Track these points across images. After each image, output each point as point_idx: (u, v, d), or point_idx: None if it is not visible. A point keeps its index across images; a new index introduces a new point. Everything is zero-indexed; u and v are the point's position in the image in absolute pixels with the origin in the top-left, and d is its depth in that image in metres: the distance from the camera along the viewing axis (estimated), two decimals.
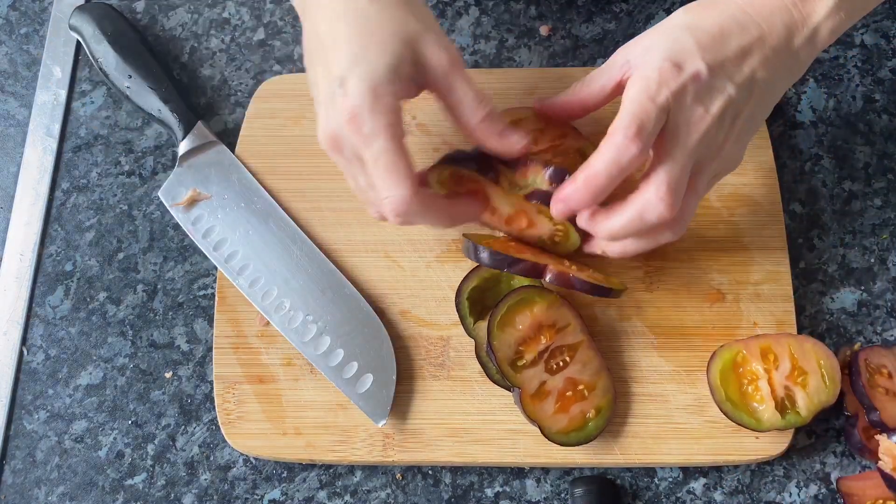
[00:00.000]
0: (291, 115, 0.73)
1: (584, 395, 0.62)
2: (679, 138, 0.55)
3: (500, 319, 0.62)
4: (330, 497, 0.65)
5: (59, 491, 0.66)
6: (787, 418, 0.61)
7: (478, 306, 0.65)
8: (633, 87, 0.54)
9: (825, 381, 0.61)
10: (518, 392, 0.61)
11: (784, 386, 0.62)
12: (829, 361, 0.62)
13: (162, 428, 0.67)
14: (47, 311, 0.71)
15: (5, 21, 0.82)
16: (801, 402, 0.61)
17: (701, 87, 0.54)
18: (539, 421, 0.61)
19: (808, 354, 0.62)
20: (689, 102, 0.54)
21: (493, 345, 0.61)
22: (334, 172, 0.71)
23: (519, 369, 0.61)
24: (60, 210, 0.74)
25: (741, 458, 0.63)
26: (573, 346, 0.63)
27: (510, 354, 0.62)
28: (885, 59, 0.75)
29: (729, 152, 0.57)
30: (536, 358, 0.62)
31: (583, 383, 0.62)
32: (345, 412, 0.65)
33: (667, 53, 0.54)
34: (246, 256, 0.68)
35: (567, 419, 0.62)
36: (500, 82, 0.73)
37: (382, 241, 0.69)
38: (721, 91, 0.55)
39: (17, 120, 0.78)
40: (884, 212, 0.71)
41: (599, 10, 0.78)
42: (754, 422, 0.61)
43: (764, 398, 0.61)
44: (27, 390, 0.69)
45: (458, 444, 0.64)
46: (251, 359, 0.67)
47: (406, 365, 0.66)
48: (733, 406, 0.62)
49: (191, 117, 0.72)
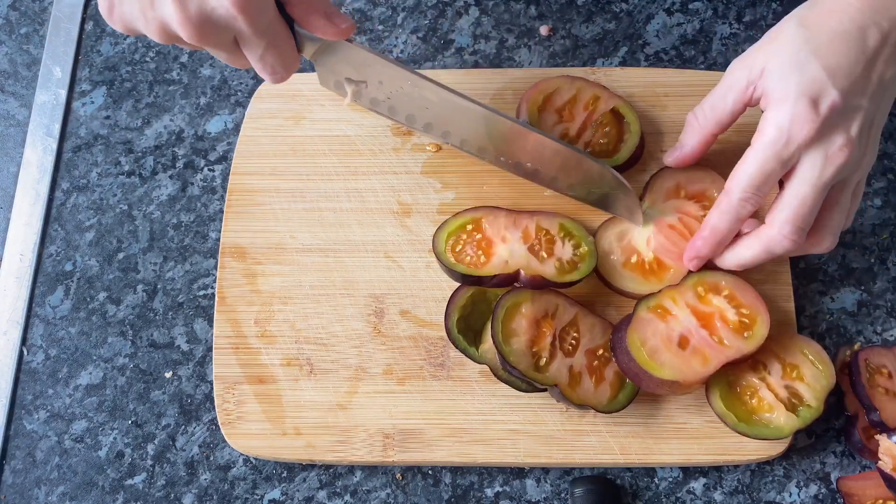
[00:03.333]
0: (291, 115, 0.73)
1: (607, 356, 0.63)
2: (815, 172, 0.55)
3: (502, 336, 0.61)
4: (330, 497, 0.65)
5: (59, 491, 0.66)
6: (801, 414, 0.61)
7: (469, 333, 0.64)
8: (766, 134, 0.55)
9: (818, 366, 0.62)
10: (556, 389, 0.61)
11: (784, 386, 0.62)
12: (811, 347, 0.63)
13: (162, 428, 0.67)
14: (47, 311, 0.71)
15: (5, 21, 0.82)
16: (806, 395, 0.61)
17: (838, 116, 0.54)
18: (588, 403, 0.61)
19: (790, 348, 0.63)
20: (829, 135, 0.54)
21: (510, 361, 0.60)
22: (334, 173, 0.71)
23: (544, 369, 0.61)
24: (60, 210, 0.74)
25: (742, 458, 0.63)
26: (573, 321, 0.63)
27: (529, 361, 0.61)
28: None
29: (869, 159, 0.58)
30: (552, 350, 0.62)
31: (600, 346, 0.63)
32: (345, 412, 0.65)
33: (799, 89, 0.54)
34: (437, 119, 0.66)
35: (608, 387, 0.62)
36: (500, 82, 0.73)
37: (382, 242, 0.69)
38: (857, 110, 0.55)
39: (18, 120, 0.78)
40: (884, 212, 0.71)
41: (599, 10, 0.78)
42: (776, 431, 0.61)
43: (772, 406, 0.61)
44: (27, 390, 0.69)
45: (459, 444, 0.64)
46: (251, 359, 0.67)
47: (406, 365, 0.66)
48: (749, 426, 0.61)
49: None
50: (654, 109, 0.71)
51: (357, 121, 0.72)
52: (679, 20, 0.77)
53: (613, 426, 0.64)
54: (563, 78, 0.70)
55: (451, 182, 0.71)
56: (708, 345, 0.61)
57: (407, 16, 0.79)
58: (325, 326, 0.67)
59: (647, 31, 0.77)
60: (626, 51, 0.76)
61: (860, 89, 0.55)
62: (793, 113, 0.54)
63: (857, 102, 0.55)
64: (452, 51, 0.77)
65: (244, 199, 0.71)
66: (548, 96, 0.69)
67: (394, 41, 0.78)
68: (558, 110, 0.69)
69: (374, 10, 0.79)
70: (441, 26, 0.78)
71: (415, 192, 0.70)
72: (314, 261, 0.69)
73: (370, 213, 0.70)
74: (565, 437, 0.63)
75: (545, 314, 0.63)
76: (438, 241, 0.66)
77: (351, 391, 0.65)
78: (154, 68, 0.78)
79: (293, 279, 0.68)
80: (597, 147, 0.69)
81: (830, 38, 0.55)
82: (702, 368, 0.60)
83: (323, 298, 0.68)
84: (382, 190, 0.71)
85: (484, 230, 0.66)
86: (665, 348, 0.61)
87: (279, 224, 0.70)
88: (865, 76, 0.55)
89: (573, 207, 0.69)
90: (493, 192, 0.70)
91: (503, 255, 0.64)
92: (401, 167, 0.71)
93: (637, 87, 0.72)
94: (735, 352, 0.61)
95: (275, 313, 0.68)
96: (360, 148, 0.72)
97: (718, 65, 0.75)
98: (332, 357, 0.66)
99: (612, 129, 0.69)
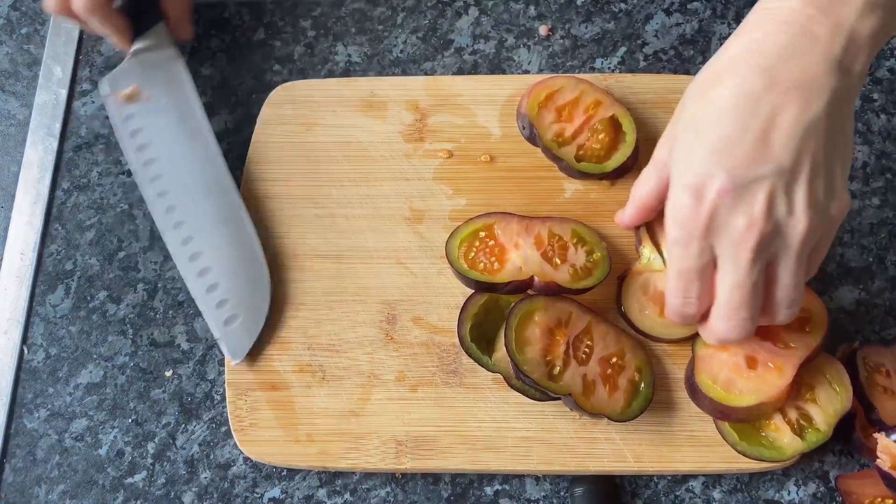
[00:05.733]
0: (304, 122, 0.73)
1: (620, 364, 0.63)
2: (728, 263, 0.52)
3: (516, 345, 0.61)
4: (329, 495, 0.65)
5: (60, 489, 0.66)
6: (807, 438, 0.60)
7: (482, 341, 0.64)
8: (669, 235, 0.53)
9: (835, 388, 0.60)
10: (570, 398, 0.60)
11: (795, 406, 0.61)
12: (833, 367, 0.61)
13: (162, 426, 0.68)
14: (48, 310, 0.71)
15: (6, 21, 0.82)
16: (817, 418, 0.60)
17: (732, 198, 0.50)
18: (602, 412, 0.61)
19: (812, 366, 0.61)
20: (727, 220, 0.50)
21: (524, 370, 0.60)
22: (346, 179, 0.71)
23: (558, 378, 0.61)
24: (61, 209, 0.74)
25: (757, 466, 0.62)
26: (586, 329, 0.63)
27: (543, 369, 0.61)
28: (883, 59, 0.75)
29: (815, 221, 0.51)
30: (565, 358, 0.62)
31: (614, 355, 0.63)
32: (357, 419, 0.65)
33: (682, 181, 0.52)
34: (162, 167, 0.69)
35: (622, 394, 0.62)
36: (498, 87, 0.73)
37: (395, 248, 0.69)
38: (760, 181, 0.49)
39: (18, 119, 0.78)
40: (882, 211, 0.71)
41: (599, 10, 0.78)
42: (777, 453, 0.60)
43: (778, 427, 0.60)
44: (27, 389, 0.69)
45: (472, 451, 0.63)
46: (263, 365, 0.67)
47: (419, 372, 0.66)
48: (749, 445, 0.60)
49: (157, 14, 0.73)
50: (667, 116, 0.71)
51: (369, 127, 0.73)
52: (678, 20, 0.78)
53: (627, 434, 0.63)
54: (569, 78, 0.70)
55: (462, 188, 0.71)
56: (776, 354, 0.60)
57: (407, 16, 0.79)
58: (338, 333, 0.67)
59: (646, 31, 0.77)
60: (625, 51, 0.77)
61: (760, 156, 0.49)
62: (681, 209, 0.51)
63: (759, 172, 0.49)
64: (452, 51, 0.77)
65: (256, 206, 0.71)
66: (550, 94, 0.70)
67: (393, 41, 0.78)
68: (558, 109, 0.70)
69: (373, 11, 0.79)
70: (441, 26, 0.78)
71: (427, 199, 0.70)
72: (326, 267, 0.69)
73: (382, 220, 0.70)
74: (578, 444, 0.63)
75: (558, 322, 0.63)
76: (451, 248, 0.66)
77: (363, 398, 0.65)
78: None
79: (305, 285, 0.68)
80: (588, 152, 0.69)
81: (720, 108, 0.50)
82: (780, 380, 0.59)
83: (335, 305, 0.68)
84: (394, 196, 0.71)
85: (497, 237, 0.66)
86: (738, 376, 0.60)
87: (291, 230, 0.70)
88: (764, 142, 0.49)
89: (585, 214, 0.69)
90: (505, 199, 0.70)
91: (517, 262, 0.64)
92: (413, 173, 0.71)
93: (648, 94, 0.72)
94: (805, 348, 0.59)
95: (287, 319, 0.68)
96: (372, 154, 0.72)
97: None
98: (345, 363, 0.66)
99: (607, 136, 0.69)
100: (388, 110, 0.73)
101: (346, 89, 0.74)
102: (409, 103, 0.73)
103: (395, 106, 0.73)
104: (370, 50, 0.78)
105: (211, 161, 0.70)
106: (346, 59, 0.78)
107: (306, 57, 0.78)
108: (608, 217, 0.68)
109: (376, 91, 0.74)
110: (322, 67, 0.77)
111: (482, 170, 0.71)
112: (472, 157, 0.71)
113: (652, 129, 0.71)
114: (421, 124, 0.72)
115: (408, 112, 0.73)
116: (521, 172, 0.71)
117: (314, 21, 0.79)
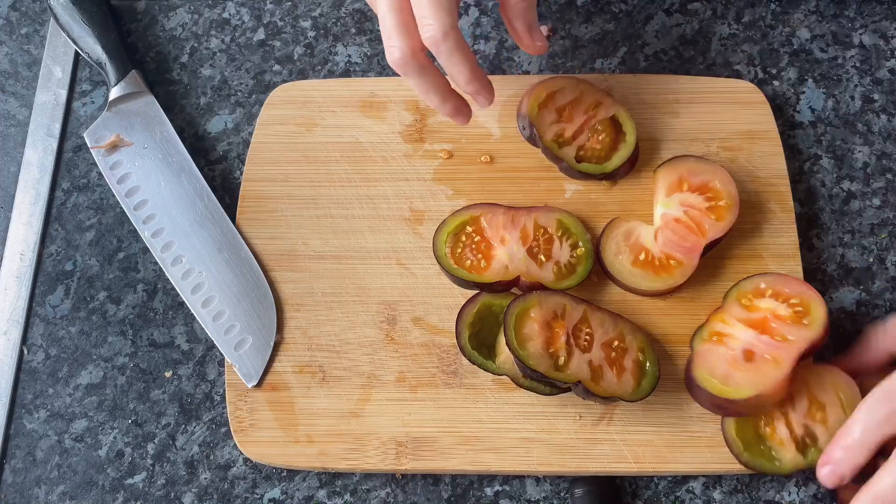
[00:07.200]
0: (303, 122, 0.73)
1: (623, 347, 0.63)
2: None
3: (517, 343, 0.61)
4: (329, 496, 0.65)
5: (59, 490, 0.66)
6: (809, 456, 0.59)
7: (483, 349, 0.64)
8: None
9: (846, 412, 0.59)
10: (580, 386, 0.61)
11: (803, 425, 0.60)
12: (849, 391, 0.60)
13: (162, 427, 0.68)
14: (47, 311, 0.71)
15: (6, 21, 0.82)
16: (822, 438, 0.59)
17: None
18: (615, 394, 0.61)
19: (826, 385, 0.61)
20: None
21: (529, 365, 0.60)
22: (345, 179, 0.71)
23: (564, 367, 0.61)
24: (61, 210, 0.74)
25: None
26: (582, 317, 0.63)
27: (549, 362, 0.61)
28: (883, 59, 0.75)
29: None
30: (568, 348, 0.62)
31: (615, 338, 0.63)
32: (357, 420, 0.65)
33: None
34: (154, 207, 0.71)
35: (629, 375, 0.62)
36: (498, 87, 0.73)
37: (395, 249, 0.69)
38: None
39: (18, 120, 0.78)
40: (882, 211, 0.71)
41: (599, 10, 0.78)
42: (777, 467, 0.60)
43: (783, 441, 0.60)
44: (27, 389, 0.69)
45: (472, 452, 0.63)
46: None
47: (418, 372, 0.66)
48: (752, 455, 0.60)
49: (127, 65, 0.75)
50: (664, 117, 0.71)
51: (369, 127, 0.73)
52: (678, 20, 0.78)
53: (627, 434, 0.63)
54: (569, 78, 0.70)
55: (462, 189, 0.71)
56: (774, 347, 0.60)
57: None
58: (338, 334, 0.67)
59: (647, 31, 0.77)
60: (625, 51, 0.76)
61: None
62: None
63: None
64: None
65: (256, 206, 0.71)
66: (551, 94, 0.70)
67: None
68: (559, 109, 0.70)
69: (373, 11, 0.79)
70: None
71: (427, 199, 0.70)
72: (326, 268, 0.69)
73: (382, 220, 0.70)
74: (578, 445, 0.63)
75: (554, 315, 0.63)
76: (438, 243, 0.66)
77: (363, 398, 0.65)
78: (154, 68, 0.78)
79: (305, 286, 0.68)
80: (589, 152, 0.69)
81: None
82: (777, 372, 0.59)
83: (335, 305, 0.68)
84: (394, 197, 0.71)
85: (483, 230, 0.66)
86: (735, 369, 0.60)
87: (291, 231, 0.70)
88: None
89: (585, 214, 0.69)
90: (505, 199, 0.69)
91: (503, 260, 0.65)
92: (413, 174, 0.71)
93: (649, 94, 0.72)
94: (803, 341, 0.59)
95: (287, 320, 0.68)
96: (372, 154, 0.72)
97: (717, 65, 0.76)
98: (345, 364, 0.66)
99: (608, 136, 0.69)
100: (387, 111, 0.73)
101: (346, 90, 0.74)
102: (408, 104, 0.73)
103: (395, 106, 0.73)
104: (370, 50, 0.78)
105: (199, 194, 0.71)
106: (346, 59, 0.78)
107: (306, 57, 0.78)
108: (608, 218, 0.68)
109: (376, 91, 0.74)
110: (322, 68, 0.77)
111: (482, 170, 0.71)
112: (472, 158, 0.71)
113: (652, 129, 0.71)
114: (421, 125, 0.72)
115: (407, 112, 0.73)
116: (521, 173, 0.71)
117: (314, 21, 0.79)
